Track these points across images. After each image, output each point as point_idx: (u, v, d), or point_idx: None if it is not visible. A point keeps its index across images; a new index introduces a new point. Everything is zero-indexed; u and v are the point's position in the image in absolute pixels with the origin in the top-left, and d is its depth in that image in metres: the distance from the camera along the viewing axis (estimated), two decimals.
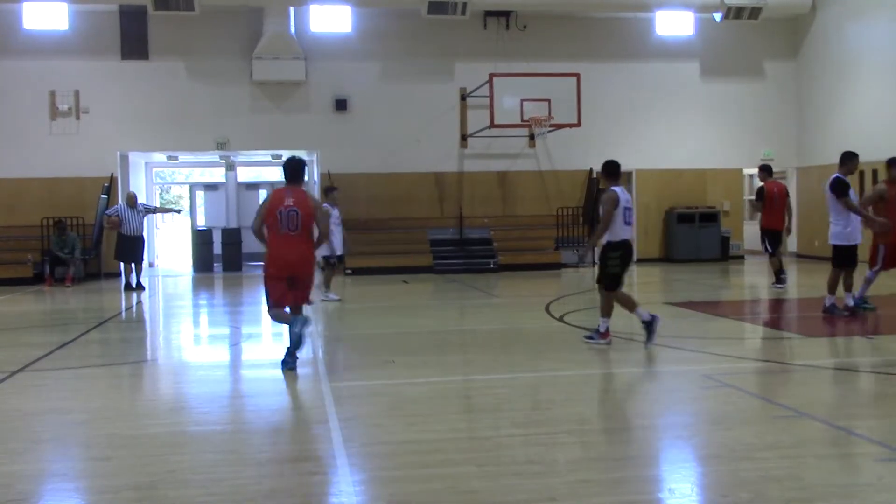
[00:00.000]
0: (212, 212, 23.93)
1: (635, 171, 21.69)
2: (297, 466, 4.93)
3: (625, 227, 8.54)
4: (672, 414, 6.24)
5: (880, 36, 19.06)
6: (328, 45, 20.34)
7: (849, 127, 19.92)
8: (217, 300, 15.73)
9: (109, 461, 5.09)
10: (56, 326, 11.85)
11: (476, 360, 8.50)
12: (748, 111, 21.89)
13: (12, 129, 19.47)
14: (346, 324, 11.93)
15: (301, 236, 7.54)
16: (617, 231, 8.50)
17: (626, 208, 8.53)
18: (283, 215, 7.45)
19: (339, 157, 20.35)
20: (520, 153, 20.96)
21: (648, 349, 8.40)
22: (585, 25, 21.21)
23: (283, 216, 7.45)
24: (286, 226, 7.46)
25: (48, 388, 7.37)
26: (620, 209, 8.46)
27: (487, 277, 18.07)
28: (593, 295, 14.94)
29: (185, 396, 7.24)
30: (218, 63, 20.03)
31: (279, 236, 7.50)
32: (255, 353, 9.61)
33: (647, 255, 21.73)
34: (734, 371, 7.41)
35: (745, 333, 10.25)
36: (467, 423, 6.10)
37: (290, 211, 7.44)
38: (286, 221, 7.46)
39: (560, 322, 10.77)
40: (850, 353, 8.69)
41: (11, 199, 19.38)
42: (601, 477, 4.64)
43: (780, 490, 4.36)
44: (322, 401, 6.53)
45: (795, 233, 22.32)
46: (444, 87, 20.75)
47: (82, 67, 19.67)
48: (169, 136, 20.18)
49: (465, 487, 4.48)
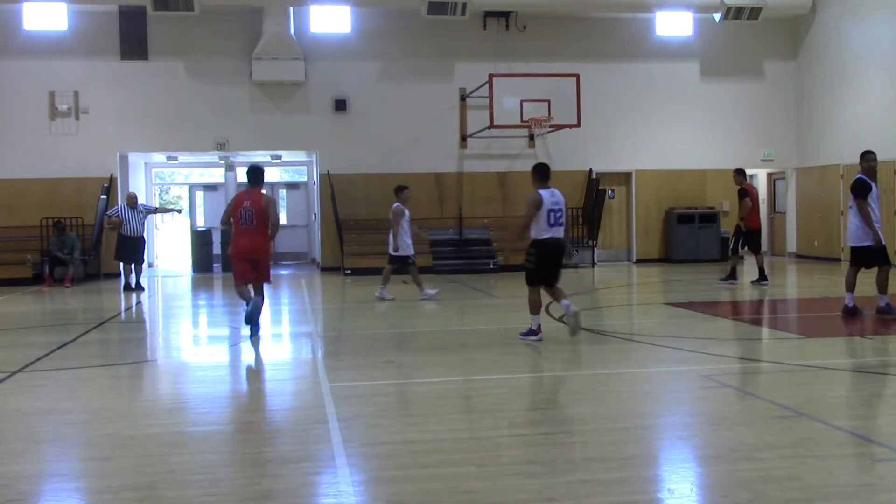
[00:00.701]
0: (211, 212, 23.91)
1: (635, 172, 21.70)
2: (297, 466, 4.92)
3: (549, 228, 8.93)
4: (672, 414, 6.24)
5: (880, 36, 19.06)
6: (328, 45, 20.34)
7: (849, 127, 19.93)
8: (216, 301, 15.72)
9: (109, 461, 5.09)
10: (56, 327, 11.85)
11: (476, 360, 8.50)
12: (748, 111, 21.90)
13: (12, 130, 19.48)
14: (346, 324, 11.93)
15: (256, 229, 9.52)
16: (539, 231, 8.94)
17: (552, 210, 8.90)
18: (242, 214, 9.51)
19: (339, 157, 20.35)
20: (519, 153, 20.96)
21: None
22: (585, 26, 21.22)
23: (242, 214, 9.51)
24: (245, 222, 9.52)
25: (48, 388, 7.37)
26: (544, 211, 8.87)
27: (487, 278, 18.07)
28: (593, 295, 14.96)
29: (184, 397, 7.24)
30: (218, 63, 20.03)
31: (241, 229, 9.56)
32: (254, 354, 9.60)
33: (647, 255, 21.75)
34: (734, 371, 7.41)
35: (744, 334, 10.25)
36: (467, 423, 6.10)
37: (247, 211, 9.49)
38: (245, 218, 9.51)
39: (560, 322, 10.76)
40: (850, 353, 8.70)
41: (11, 199, 19.38)
42: (601, 477, 4.64)
43: (780, 490, 4.36)
44: (322, 401, 6.53)
45: (795, 233, 22.39)
46: (444, 88, 20.75)
47: (82, 68, 19.67)
48: (168, 136, 20.18)
49: (464, 487, 4.48)
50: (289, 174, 25.99)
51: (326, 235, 20.47)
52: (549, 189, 9.04)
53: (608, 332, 10.00)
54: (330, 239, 20.29)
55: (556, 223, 8.95)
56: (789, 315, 12.31)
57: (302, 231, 24.12)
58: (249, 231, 9.53)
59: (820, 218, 20.92)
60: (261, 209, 9.50)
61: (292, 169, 25.56)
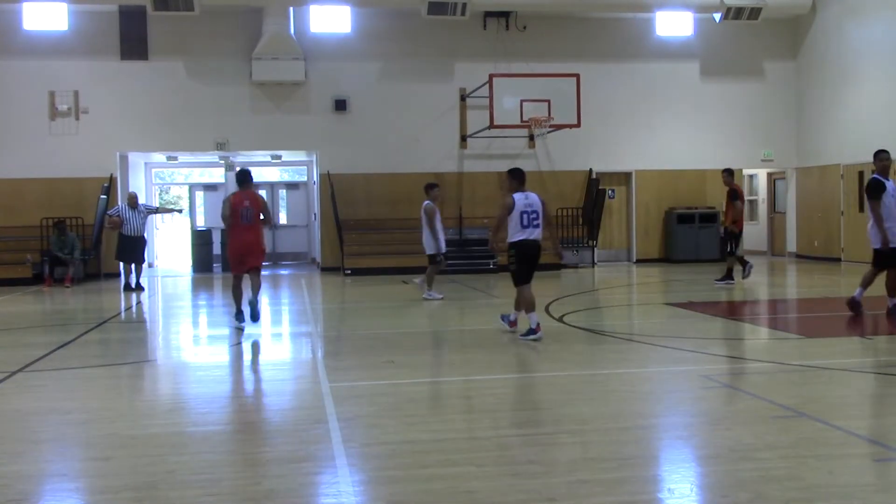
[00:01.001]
0: (211, 212, 23.91)
1: (635, 172, 21.70)
2: (297, 466, 4.92)
3: (523, 230, 9.29)
4: (672, 414, 6.24)
5: (880, 36, 19.06)
6: (328, 45, 20.34)
7: (849, 127, 19.94)
8: (216, 300, 15.72)
9: (109, 461, 5.09)
10: (56, 327, 11.85)
11: (476, 360, 8.50)
12: (748, 111, 21.89)
13: (12, 130, 19.48)
14: (347, 324, 11.94)
15: (254, 225, 10.61)
16: (512, 233, 9.33)
17: (525, 212, 9.27)
18: (243, 213, 10.48)
19: (339, 157, 20.35)
20: (519, 154, 20.95)
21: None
22: (585, 26, 21.21)
23: (243, 213, 10.48)
24: (246, 219, 10.51)
25: (48, 388, 7.37)
26: (517, 213, 9.25)
27: (487, 278, 18.08)
28: (593, 295, 14.96)
29: (184, 396, 7.24)
30: (218, 63, 20.03)
31: (240, 226, 10.53)
32: (254, 354, 9.61)
33: (647, 255, 21.75)
34: (734, 371, 7.41)
35: (744, 334, 10.25)
36: (467, 423, 6.09)
37: (247, 209, 10.49)
38: (246, 216, 10.49)
39: (560, 322, 10.77)
40: (850, 353, 8.69)
41: (11, 199, 19.38)
42: (601, 477, 4.64)
43: (780, 490, 4.36)
44: (322, 401, 6.53)
45: (795, 233, 22.39)
46: (444, 88, 20.75)
47: (82, 68, 19.67)
48: (168, 136, 20.18)
49: (464, 487, 4.48)
50: (289, 174, 25.99)
51: (326, 235, 20.47)
52: (523, 192, 9.37)
53: (608, 332, 10.00)
54: (330, 239, 20.29)
55: (531, 224, 9.26)
56: (789, 315, 12.31)
57: (302, 231, 24.11)
58: (249, 227, 10.61)
59: (820, 218, 20.92)
60: (258, 207, 10.62)
61: (292, 169, 25.56)
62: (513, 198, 9.31)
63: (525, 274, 9.40)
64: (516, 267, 9.41)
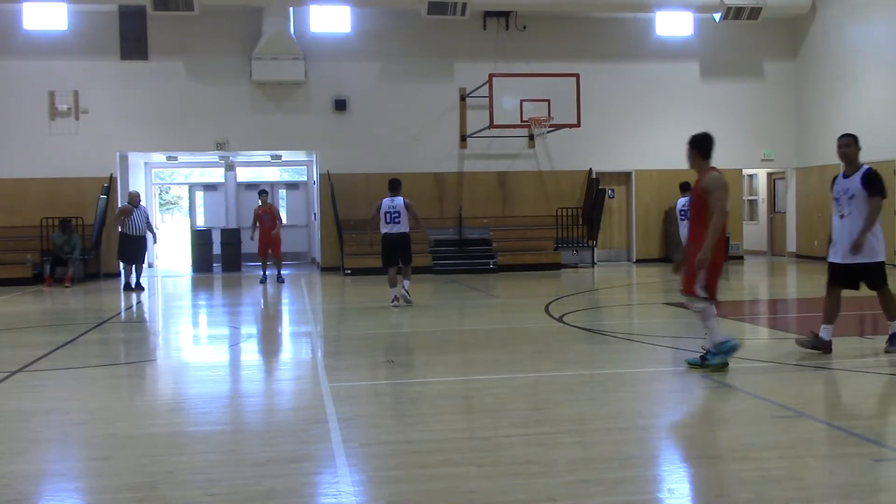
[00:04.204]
0: (211, 212, 23.93)
1: (635, 172, 21.71)
2: (297, 466, 4.92)
3: (385, 225, 12.48)
4: (672, 414, 6.24)
5: (880, 36, 19.06)
6: (328, 45, 20.34)
7: (849, 127, 19.67)
8: (216, 300, 15.73)
9: (109, 461, 5.09)
10: (56, 326, 11.85)
11: (476, 360, 8.50)
12: (748, 111, 21.90)
13: (12, 130, 19.49)
14: (346, 324, 11.94)
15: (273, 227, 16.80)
16: (381, 228, 12.54)
17: (388, 212, 12.44)
18: (265, 219, 16.71)
19: (339, 157, 20.36)
20: (519, 153, 20.97)
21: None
22: (585, 25, 21.22)
23: (265, 219, 16.71)
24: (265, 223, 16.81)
25: (48, 388, 7.37)
26: (382, 213, 12.49)
27: (487, 278, 18.08)
28: (593, 295, 14.96)
29: (184, 396, 7.23)
30: (217, 63, 20.03)
31: (264, 227, 16.82)
32: (254, 354, 9.61)
33: (647, 255, 21.75)
34: (734, 371, 7.40)
35: (744, 334, 10.24)
36: (467, 423, 6.09)
37: (267, 216, 16.46)
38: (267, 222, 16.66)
39: (560, 322, 10.77)
40: (850, 353, 8.69)
41: (11, 199, 19.39)
42: (601, 477, 4.63)
43: (780, 490, 4.36)
44: (321, 401, 6.52)
45: (795, 233, 22.39)
46: (444, 88, 20.75)
47: (82, 67, 19.67)
48: (168, 136, 20.18)
49: (464, 487, 4.48)
50: (288, 174, 25.97)
51: (326, 235, 20.47)
52: (391, 197, 12.48)
53: (608, 332, 10.00)
54: (330, 239, 20.29)
55: (392, 221, 12.44)
56: (789, 315, 12.31)
57: (302, 231, 24.10)
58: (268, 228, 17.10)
59: (820, 218, 20.90)
60: (273, 216, 17.15)
61: (292, 169, 25.54)
62: (382, 202, 12.51)
63: (388, 259, 12.52)
64: (382, 254, 12.58)
